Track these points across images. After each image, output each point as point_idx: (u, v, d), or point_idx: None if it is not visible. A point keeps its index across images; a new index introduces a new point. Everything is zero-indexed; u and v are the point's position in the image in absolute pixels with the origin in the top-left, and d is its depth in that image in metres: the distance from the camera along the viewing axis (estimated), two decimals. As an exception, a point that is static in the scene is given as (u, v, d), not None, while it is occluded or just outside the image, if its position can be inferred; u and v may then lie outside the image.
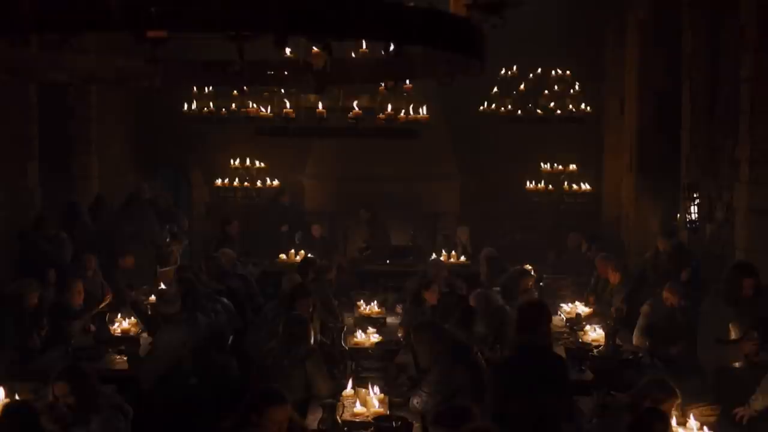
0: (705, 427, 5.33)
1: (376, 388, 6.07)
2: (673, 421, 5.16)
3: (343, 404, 5.86)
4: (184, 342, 6.91)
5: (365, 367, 7.00)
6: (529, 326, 5.69)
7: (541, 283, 9.95)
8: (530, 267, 9.81)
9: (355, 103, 8.04)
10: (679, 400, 5.13)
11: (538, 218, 13.50)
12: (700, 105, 10.27)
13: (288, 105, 8.50)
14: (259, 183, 12.85)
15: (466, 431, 4.11)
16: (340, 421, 5.56)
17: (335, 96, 8.20)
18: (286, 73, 4.06)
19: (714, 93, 10.03)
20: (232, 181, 12.75)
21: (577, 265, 11.21)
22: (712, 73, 10.09)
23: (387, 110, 7.98)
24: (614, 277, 9.30)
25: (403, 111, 8.42)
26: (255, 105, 9.76)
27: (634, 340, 7.92)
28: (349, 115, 8.08)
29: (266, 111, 8.41)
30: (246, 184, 12.79)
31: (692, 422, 5.29)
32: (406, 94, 8.27)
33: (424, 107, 8.68)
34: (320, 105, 7.90)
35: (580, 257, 11.48)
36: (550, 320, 6.00)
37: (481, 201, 14.16)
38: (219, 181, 12.90)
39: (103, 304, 8.53)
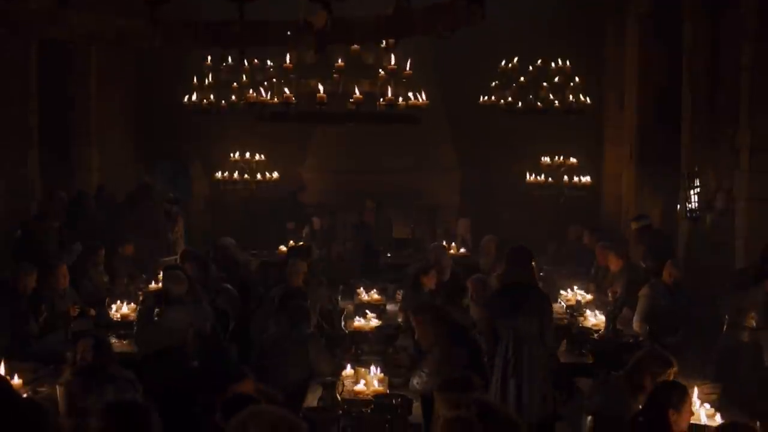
0: (706, 405, 5.33)
1: (377, 368, 6.07)
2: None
3: (343, 383, 5.86)
4: (190, 324, 6.93)
5: (365, 350, 7.00)
6: (517, 261, 6.39)
7: (541, 274, 9.90)
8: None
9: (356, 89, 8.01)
10: (675, 369, 5.13)
11: (538, 211, 13.47)
12: (701, 94, 10.26)
13: (288, 91, 8.45)
14: (258, 176, 12.83)
15: (468, 400, 4.13)
16: (339, 398, 5.56)
17: (335, 81, 8.17)
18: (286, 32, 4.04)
19: (714, 82, 10.02)
20: (231, 173, 12.72)
21: (577, 257, 11.18)
22: (713, 62, 10.08)
23: (387, 96, 7.93)
24: (615, 264, 9.24)
25: (401, 97, 8.37)
26: (254, 92, 9.71)
27: (634, 326, 7.89)
28: (350, 100, 8.04)
29: (266, 96, 8.36)
30: (246, 176, 12.77)
31: (694, 399, 5.27)
32: (406, 80, 8.26)
33: (424, 94, 8.63)
34: (321, 89, 7.85)
35: (580, 249, 11.44)
36: (533, 260, 6.60)
37: (481, 194, 14.14)
38: (219, 174, 12.88)
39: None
